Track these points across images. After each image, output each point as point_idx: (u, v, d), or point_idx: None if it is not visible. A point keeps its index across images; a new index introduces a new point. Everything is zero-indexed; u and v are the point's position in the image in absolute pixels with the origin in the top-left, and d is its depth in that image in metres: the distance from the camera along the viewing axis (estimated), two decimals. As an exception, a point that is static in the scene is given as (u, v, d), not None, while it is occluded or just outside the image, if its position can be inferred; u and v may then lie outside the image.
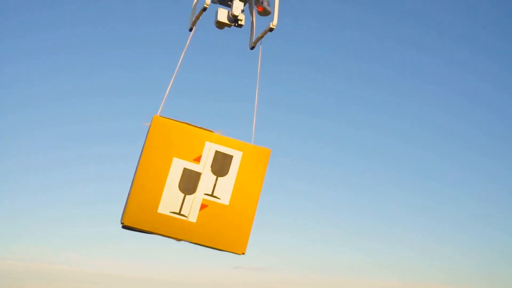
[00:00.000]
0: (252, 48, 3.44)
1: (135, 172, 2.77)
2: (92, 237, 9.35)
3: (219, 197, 2.70)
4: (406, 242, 9.65)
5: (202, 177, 2.68)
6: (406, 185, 10.02)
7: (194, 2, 3.49)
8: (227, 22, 3.32)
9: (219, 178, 2.70)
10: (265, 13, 3.51)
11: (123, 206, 3.17)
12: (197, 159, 2.68)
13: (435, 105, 10.40)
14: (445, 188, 10.12)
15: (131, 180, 3.19)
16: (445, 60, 10.21)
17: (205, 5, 3.19)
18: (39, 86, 10.04)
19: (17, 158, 9.87)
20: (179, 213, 2.64)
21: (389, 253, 9.65)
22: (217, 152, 2.72)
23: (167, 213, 2.62)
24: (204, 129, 2.77)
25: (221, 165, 2.71)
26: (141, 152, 3.01)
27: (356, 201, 9.88)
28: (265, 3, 3.52)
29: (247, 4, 3.41)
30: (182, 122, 2.74)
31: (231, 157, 2.74)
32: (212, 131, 2.78)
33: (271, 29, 3.26)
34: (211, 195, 2.69)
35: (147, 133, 2.73)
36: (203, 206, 2.67)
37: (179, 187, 2.65)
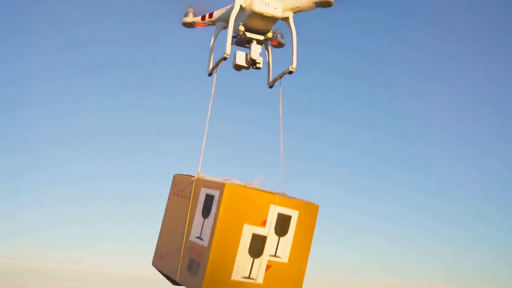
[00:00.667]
0: (270, 87, 3.49)
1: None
2: (96, 236, 9.37)
3: (280, 256, 2.78)
4: (408, 242, 9.96)
5: (267, 239, 2.74)
6: (407, 184, 10.25)
7: (211, 44, 3.49)
8: (245, 65, 3.35)
9: (280, 238, 2.78)
10: (280, 45, 3.57)
11: (155, 250, 3.17)
12: (263, 223, 2.73)
13: (436, 104, 10.58)
14: (446, 187, 10.40)
15: (161, 229, 3.18)
16: (446, 59, 10.35)
17: (225, 55, 3.21)
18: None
19: (19, 155, 9.72)
20: (249, 277, 2.70)
21: (390, 252, 9.96)
22: (279, 214, 2.77)
23: (239, 278, 2.68)
24: (267, 191, 2.81)
25: (282, 226, 2.78)
26: (168, 206, 3.09)
27: (358, 200, 10.08)
28: (278, 36, 3.57)
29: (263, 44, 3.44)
30: (250, 188, 2.77)
31: (290, 217, 2.80)
32: (275, 193, 2.83)
33: (290, 72, 3.30)
34: (274, 255, 2.77)
35: (219, 201, 2.69)
36: (268, 267, 2.74)
37: (249, 252, 2.70)
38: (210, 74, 3.42)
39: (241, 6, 3.19)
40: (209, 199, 2.77)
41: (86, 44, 9.43)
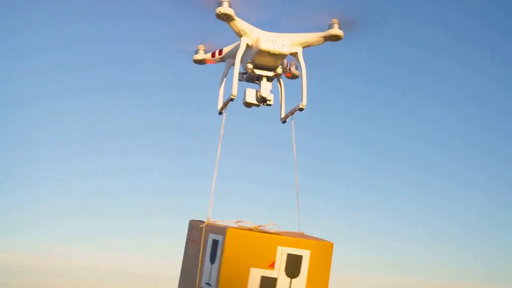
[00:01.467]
0: (283, 122, 3.46)
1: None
2: (102, 233, 9.44)
3: None
4: (413, 240, 10.03)
5: (278, 282, 2.70)
6: (410, 183, 10.28)
7: (221, 81, 3.45)
8: (255, 102, 3.31)
9: (292, 280, 2.74)
10: (294, 77, 3.53)
11: None
12: (272, 265, 2.70)
13: (440, 104, 10.57)
14: (451, 186, 10.44)
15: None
16: (452, 59, 10.30)
17: (232, 96, 3.17)
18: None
19: (19, 153, 9.75)
20: None
21: (394, 250, 10.04)
22: (289, 255, 2.74)
23: None
24: (274, 233, 2.79)
25: (293, 267, 2.74)
26: (185, 252, 3.06)
27: (361, 198, 10.12)
28: (292, 68, 3.53)
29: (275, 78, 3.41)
30: (254, 231, 2.77)
31: (301, 257, 2.76)
32: (282, 235, 2.80)
33: (301, 109, 3.27)
34: None
35: (223, 246, 2.72)
36: None
37: None
38: (220, 113, 3.41)
39: (247, 44, 3.16)
40: (215, 244, 2.78)
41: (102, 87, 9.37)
